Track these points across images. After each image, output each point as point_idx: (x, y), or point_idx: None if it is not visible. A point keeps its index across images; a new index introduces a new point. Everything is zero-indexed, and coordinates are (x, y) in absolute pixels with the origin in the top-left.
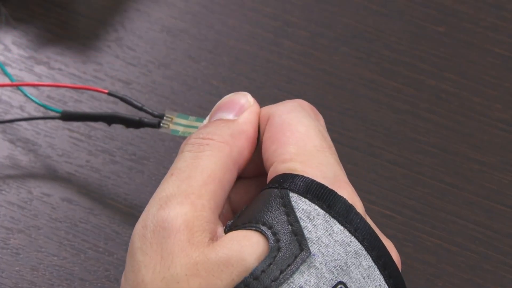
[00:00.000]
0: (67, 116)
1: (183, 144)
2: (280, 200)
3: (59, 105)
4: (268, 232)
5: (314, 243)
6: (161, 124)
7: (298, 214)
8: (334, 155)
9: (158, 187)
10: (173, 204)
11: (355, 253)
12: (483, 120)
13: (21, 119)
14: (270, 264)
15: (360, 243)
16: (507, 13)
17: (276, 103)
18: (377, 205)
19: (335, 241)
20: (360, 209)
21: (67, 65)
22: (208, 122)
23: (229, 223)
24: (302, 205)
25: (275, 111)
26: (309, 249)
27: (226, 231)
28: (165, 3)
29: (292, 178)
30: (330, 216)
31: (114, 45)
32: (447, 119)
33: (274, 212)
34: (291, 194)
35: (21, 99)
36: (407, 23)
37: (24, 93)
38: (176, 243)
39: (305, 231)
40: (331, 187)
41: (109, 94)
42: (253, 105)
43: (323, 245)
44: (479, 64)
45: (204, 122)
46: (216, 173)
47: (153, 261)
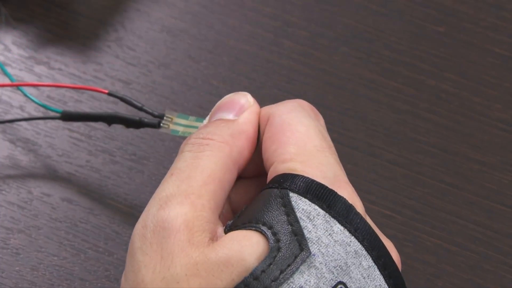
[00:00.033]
0: (67, 117)
1: (183, 144)
2: (280, 200)
3: (59, 105)
4: (268, 232)
5: (314, 243)
6: (161, 124)
7: (298, 214)
8: (334, 155)
9: (158, 187)
10: (173, 204)
11: (355, 253)
12: (483, 120)
13: (21, 119)
14: (270, 264)
15: (360, 243)
16: (507, 13)
17: (276, 103)
18: (377, 205)
19: (335, 241)
20: (360, 209)
21: (67, 65)
22: (208, 122)
23: (229, 223)
24: (302, 205)
25: (275, 111)
26: (309, 249)
27: (226, 231)
28: (165, 3)
29: (292, 178)
30: (330, 216)
31: (114, 45)
32: (447, 119)
33: (274, 212)
34: (291, 194)
35: (21, 99)
36: (407, 23)
37: (24, 93)
38: (176, 243)
39: (305, 231)
40: (331, 187)
41: (109, 94)
42: (253, 105)
43: (323, 245)
44: (479, 64)
45: (204, 122)
46: (216, 173)
47: (153, 261)
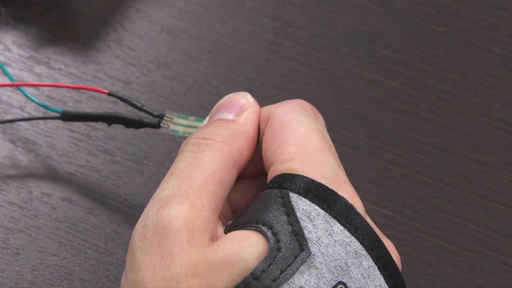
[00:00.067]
0: (67, 117)
1: (183, 144)
2: (280, 200)
3: (59, 105)
4: (268, 232)
5: (314, 243)
6: (161, 124)
7: (298, 214)
8: (334, 155)
9: (158, 187)
10: (173, 204)
11: (355, 253)
12: (483, 120)
13: (21, 119)
14: (270, 264)
15: (360, 243)
16: (507, 13)
17: (276, 103)
18: (377, 205)
19: (335, 241)
20: (360, 209)
21: (67, 65)
22: (208, 122)
23: (229, 223)
24: (302, 205)
25: (275, 111)
26: (309, 249)
27: (226, 231)
28: (165, 3)
29: (292, 178)
30: (330, 216)
31: (114, 45)
32: (447, 119)
33: (274, 212)
34: (291, 194)
35: (21, 99)
36: (407, 23)
37: (24, 93)
38: (176, 243)
39: (305, 231)
40: (331, 187)
41: (109, 94)
42: (253, 105)
43: (323, 245)
44: (479, 64)
45: (204, 122)
46: (216, 173)
47: (153, 261)
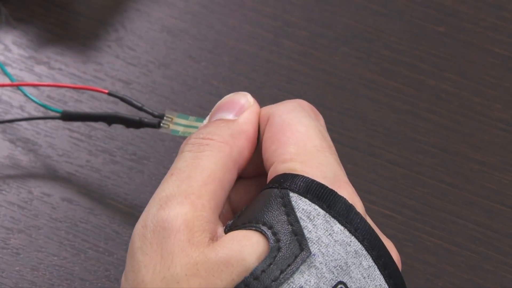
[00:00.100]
0: (67, 116)
1: (183, 144)
2: (280, 200)
3: (59, 105)
4: (268, 232)
5: (314, 243)
6: (161, 124)
7: (298, 214)
8: (334, 155)
9: (158, 187)
10: (173, 204)
11: (355, 253)
12: (483, 120)
13: (21, 119)
14: (270, 264)
15: (360, 243)
16: (507, 13)
17: (276, 103)
18: (377, 205)
19: (335, 241)
20: (360, 209)
21: (67, 65)
22: (208, 122)
23: (229, 223)
24: (302, 205)
25: (275, 111)
26: (309, 249)
27: (226, 231)
28: (165, 3)
29: (292, 178)
30: (330, 216)
31: (114, 45)
32: (447, 119)
33: (274, 212)
34: (291, 194)
35: (21, 99)
36: (407, 23)
37: (24, 93)
38: (176, 243)
39: (305, 231)
40: (331, 187)
41: (109, 94)
42: (253, 105)
43: (323, 245)
44: (479, 64)
45: (204, 122)
46: (216, 173)
47: (153, 261)
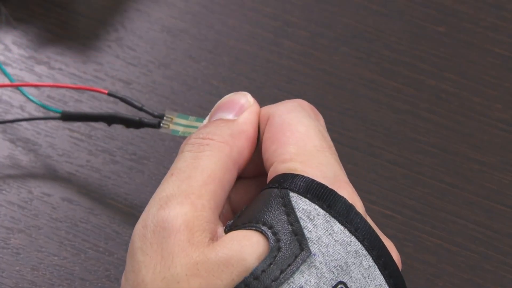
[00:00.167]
0: (67, 117)
1: (183, 144)
2: (280, 199)
3: (59, 105)
4: (268, 232)
5: (314, 243)
6: (161, 124)
7: (298, 214)
8: (334, 154)
9: (158, 187)
10: (173, 204)
11: (356, 253)
12: (483, 120)
13: (21, 119)
14: (270, 264)
15: (361, 243)
16: (507, 13)
17: (276, 103)
18: (377, 205)
19: (335, 241)
20: (360, 209)
21: (68, 65)
22: (208, 122)
23: (229, 223)
24: (302, 205)
25: (275, 111)
26: (309, 249)
27: (226, 231)
28: (165, 3)
29: (292, 177)
30: (330, 216)
31: (115, 45)
32: (447, 119)
33: (274, 212)
34: (291, 193)
35: (21, 99)
36: (407, 23)
37: (24, 93)
38: (176, 243)
39: (305, 231)
40: (331, 187)
41: (109, 94)
42: (253, 105)
43: (323, 244)
44: (479, 64)
45: (204, 122)
46: (216, 173)
47: (153, 261)
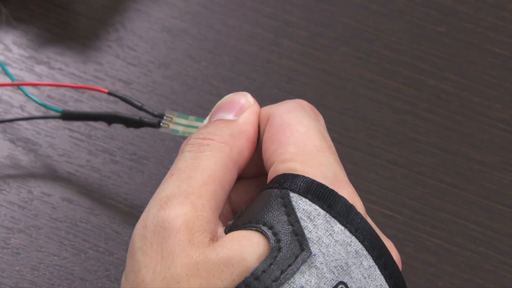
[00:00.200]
0: (67, 116)
1: (183, 144)
2: (281, 200)
3: (59, 105)
4: (269, 232)
5: (314, 243)
6: (161, 124)
7: (299, 214)
8: (334, 155)
9: (158, 187)
10: (173, 204)
11: (356, 253)
12: (483, 120)
13: (21, 118)
14: (270, 264)
15: (361, 243)
16: (507, 13)
17: (276, 103)
18: (377, 205)
19: (335, 241)
20: (360, 209)
21: (68, 65)
22: (208, 123)
23: (230, 223)
24: (302, 205)
25: (275, 111)
26: (309, 249)
27: (227, 231)
28: (165, 3)
29: (293, 178)
30: (330, 216)
31: (115, 45)
32: (447, 119)
33: (274, 212)
34: (291, 194)
35: (21, 98)
36: (407, 23)
37: (24, 92)
38: (177, 243)
39: (305, 231)
40: (331, 187)
41: (109, 94)
42: (253, 106)
43: (323, 245)
44: (479, 64)
45: (204, 122)
46: (216, 173)
47: (153, 261)
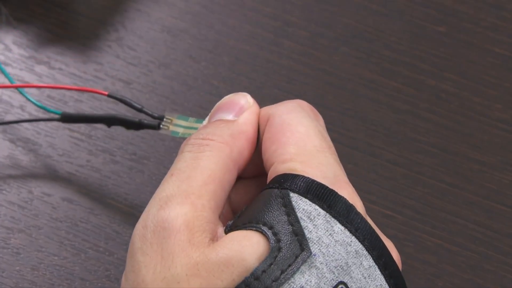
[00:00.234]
0: (67, 118)
1: (183, 144)
2: (281, 200)
3: (59, 105)
4: (269, 232)
5: (314, 243)
6: (161, 126)
7: (299, 214)
8: (334, 155)
9: (158, 187)
10: (173, 204)
11: (356, 253)
12: (483, 120)
13: (21, 121)
14: (271, 264)
15: (361, 243)
16: (507, 13)
17: (275, 104)
18: (377, 205)
19: (335, 241)
20: (360, 209)
21: (68, 65)
22: (208, 123)
23: (230, 223)
24: (302, 205)
25: (275, 111)
26: (310, 249)
27: (227, 231)
28: (165, 3)
29: (293, 178)
30: (330, 216)
31: (115, 45)
32: (447, 119)
33: (274, 212)
34: (291, 194)
35: (21, 99)
36: (407, 23)
37: (23, 95)
38: (177, 243)
39: (305, 231)
40: (331, 187)
41: (109, 96)
42: (252, 106)
43: (323, 245)
44: (479, 64)
45: (204, 123)
46: (216, 173)
47: (153, 261)
